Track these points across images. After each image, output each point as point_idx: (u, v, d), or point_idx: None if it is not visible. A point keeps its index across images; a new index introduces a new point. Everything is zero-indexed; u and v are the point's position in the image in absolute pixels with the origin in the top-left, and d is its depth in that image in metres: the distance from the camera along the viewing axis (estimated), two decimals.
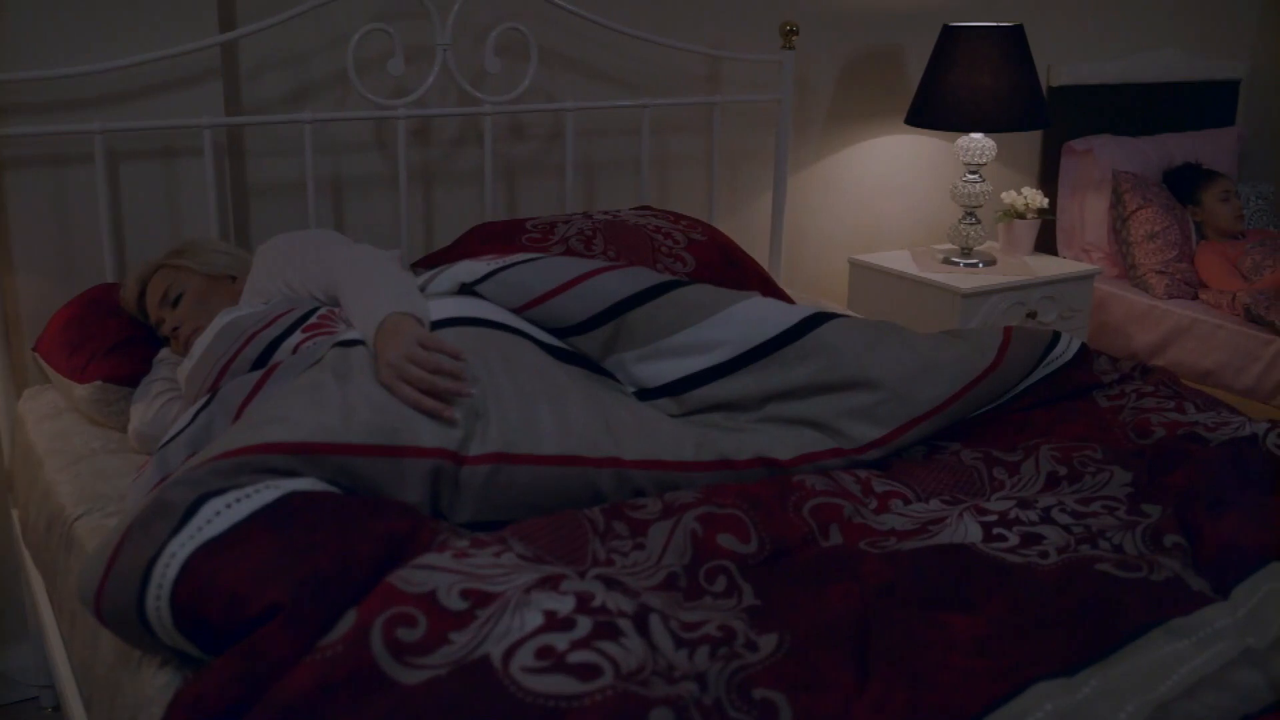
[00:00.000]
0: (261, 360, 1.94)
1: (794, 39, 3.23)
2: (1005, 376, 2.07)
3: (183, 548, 1.38)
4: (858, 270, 3.63)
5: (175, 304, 2.23)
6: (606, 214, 2.81)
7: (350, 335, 1.81)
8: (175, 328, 2.21)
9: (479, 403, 1.70)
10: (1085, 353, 2.24)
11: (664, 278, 2.02)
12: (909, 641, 1.37)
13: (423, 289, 2.01)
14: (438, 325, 1.84)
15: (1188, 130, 4.37)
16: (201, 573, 1.36)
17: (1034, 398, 2.12)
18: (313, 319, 1.98)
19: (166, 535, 1.40)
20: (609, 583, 1.38)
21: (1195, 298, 3.84)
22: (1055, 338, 2.21)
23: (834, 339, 1.94)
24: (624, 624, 1.28)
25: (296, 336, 1.94)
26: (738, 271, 2.75)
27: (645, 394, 1.96)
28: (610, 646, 1.23)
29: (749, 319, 1.96)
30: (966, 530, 1.67)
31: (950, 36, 3.37)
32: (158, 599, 1.37)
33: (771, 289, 2.78)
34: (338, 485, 1.55)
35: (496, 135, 3.02)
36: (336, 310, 2.02)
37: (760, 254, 3.42)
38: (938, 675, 1.31)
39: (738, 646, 1.32)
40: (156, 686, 1.43)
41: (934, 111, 3.39)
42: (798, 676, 1.28)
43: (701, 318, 1.95)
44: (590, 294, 1.96)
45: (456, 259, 2.59)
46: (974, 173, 3.50)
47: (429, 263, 2.71)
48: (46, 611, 2.18)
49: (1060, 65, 4.02)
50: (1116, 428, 2.07)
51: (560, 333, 1.97)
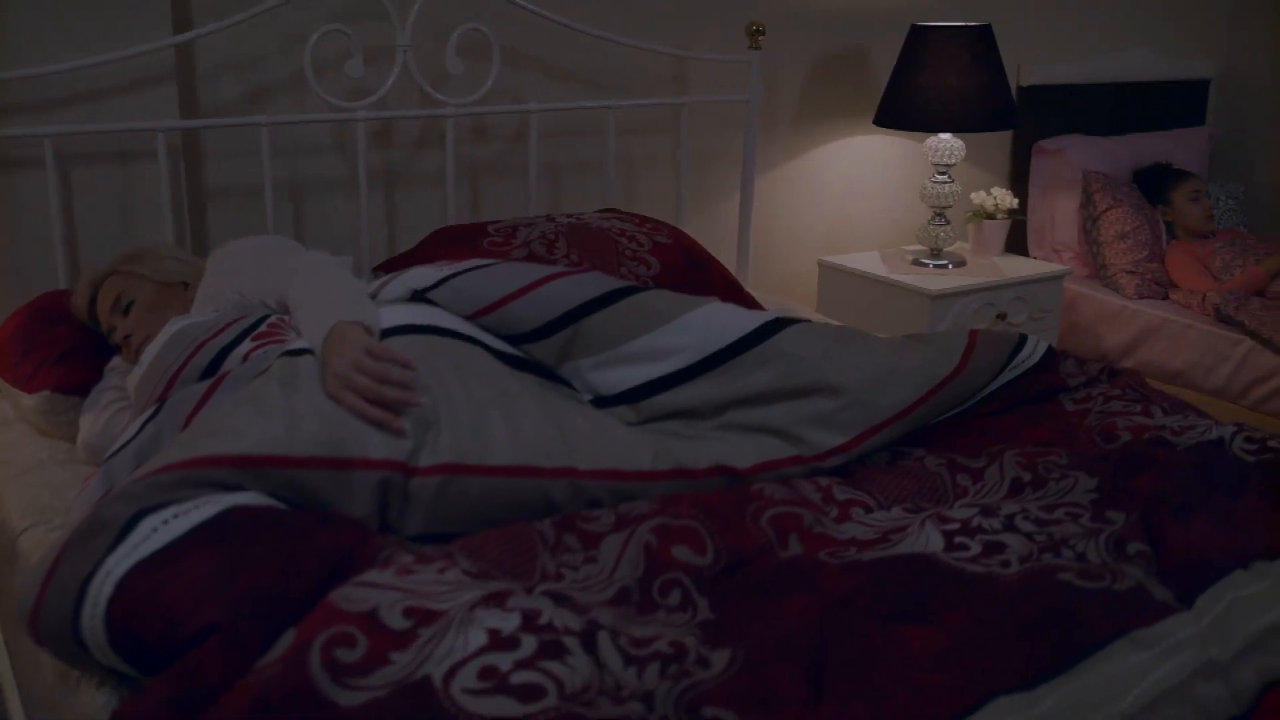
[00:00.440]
0: (211, 369, 1.90)
1: (760, 39, 3.20)
2: (970, 381, 2.04)
3: (119, 565, 1.34)
4: (827, 272, 3.60)
5: (126, 311, 2.18)
6: (570, 217, 2.77)
7: (299, 344, 1.77)
8: (126, 336, 2.17)
9: (429, 412, 1.66)
10: (1052, 356, 2.22)
11: (620, 283, 1.99)
12: (866, 656, 1.34)
13: (374, 296, 1.97)
14: (388, 333, 1.81)
15: (1158, 130, 4.36)
16: (137, 591, 1.32)
17: (1000, 402, 2.09)
18: (262, 327, 1.93)
19: (102, 552, 1.36)
20: (558, 598, 1.35)
21: (1166, 298, 3.82)
22: (1021, 341, 2.18)
23: (794, 344, 1.91)
24: (570, 642, 1.25)
25: (246, 345, 1.90)
26: (702, 274, 2.72)
27: (602, 402, 1.92)
28: (555, 666, 1.20)
29: (707, 325, 1.92)
30: (928, 539, 1.64)
31: (918, 36, 3.34)
32: (93, 618, 1.33)
33: (737, 292, 2.75)
34: (283, 499, 1.51)
35: (459, 137, 2.98)
36: (287, 318, 1.98)
37: (728, 256, 3.39)
38: (895, 691, 1.28)
39: (689, 663, 1.29)
40: (95, 707, 1.39)
41: (902, 112, 3.37)
42: (750, 694, 1.25)
43: (659, 324, 1.92)
44: (545, 300, 1.92)
45: (418, 263, 2.55)
46: (943, 173, 3.48)
47: (390, 267, 2.66)
48: None
49: (1030, 65, 4.01)
50: (1082, 432, 2.04)
51: (515, 340, 1.93)
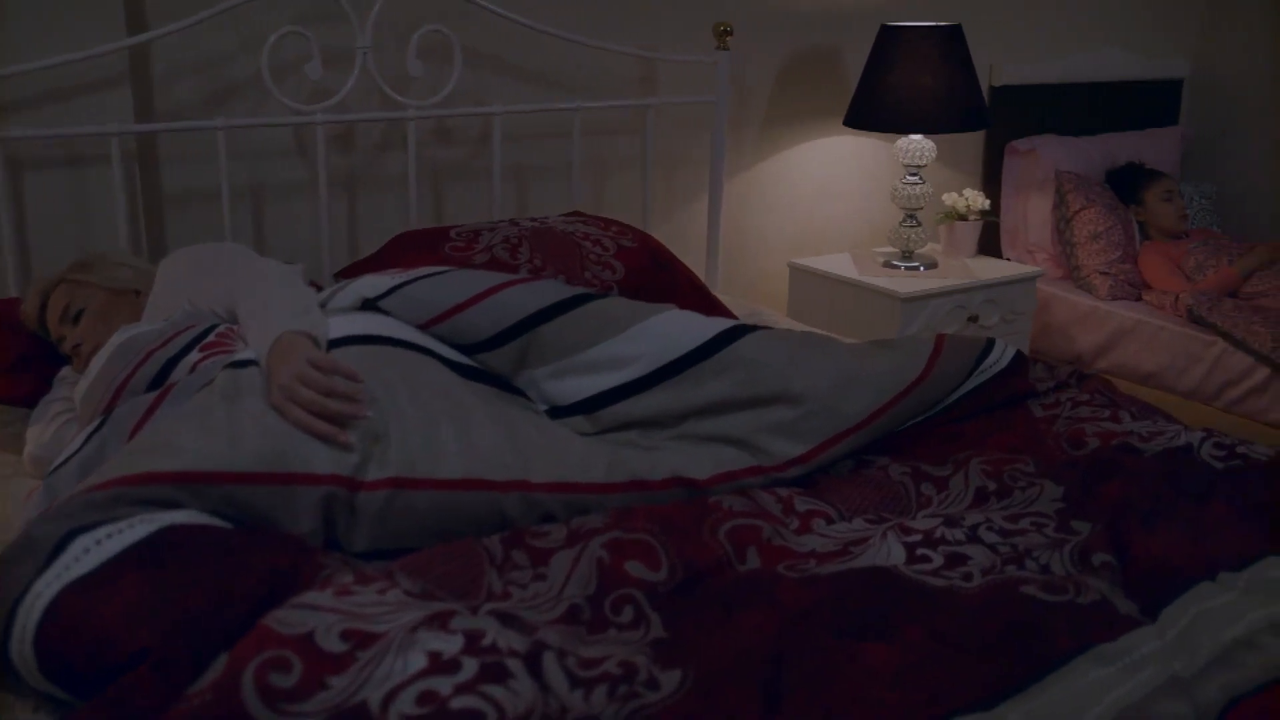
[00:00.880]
0: (158, 380, 1.85)
1: (728, 40, 3.16)
2: (936, 387, 2.01)
3: (49, 587, 1.30)
4: (797, 274, 3.57)
5: (76, 320, 2.13)
6: (534, 221, 2.73)
7: (244, 355, 1.72)
8: (76, 345, 2.12)
9: (377, 425, 1.61)
10: (1020, 360, 2.19)
11: (576, 291, 1.95)
12: (823, 674, 1.30)
13: (324, 305, 1.92)
14: (336, 344, 1.76)
15: (1131, 130, 4.34)
16: (68, 614, 1.27)
17: (967, 408, 2.06)
18: (211, 337, 1.88)
19: (33, 574, 1.31)
20: (504, 618, 1.31)
21: (1139, 299, 3.80)
22: (989, 345, 2.15)
23: (753, 352, 1.87)
24: (514, 664, 1.20)
25: (194, 355, 1.85)
26: (668, 278, 2.68)
27: (558, 412, 1.88)
28: (496, 690, 1.16)
29: (664, 333, 1.89)
30: (889, 551, 1.60)
31: (888, 36, 3.31)
32: (22, 642, 1.28)
33: (703, 296, 2.71)
34: (223, 516, 1.47)
35: (422, 140, 2.94)
36: (236, 328, 1.93)
37: (698, 259, 3.35)
38: (851, 710, 1.25)
39: (638, 684, 1.25)
40: None
41: (873, 113, 3.33)
42: (700, 715, 1.21)
43: (615, 332, 1.88)
44: (498, 309, 1.88)
45: (380, 268, 2.51)
46: (914, 175, 3.45)
47: (351, 272, 2.61)
48: None
49: (1003, 65, 3.98)
50: (1050, 438, 2.01)
51: (468, 349, 1.89)
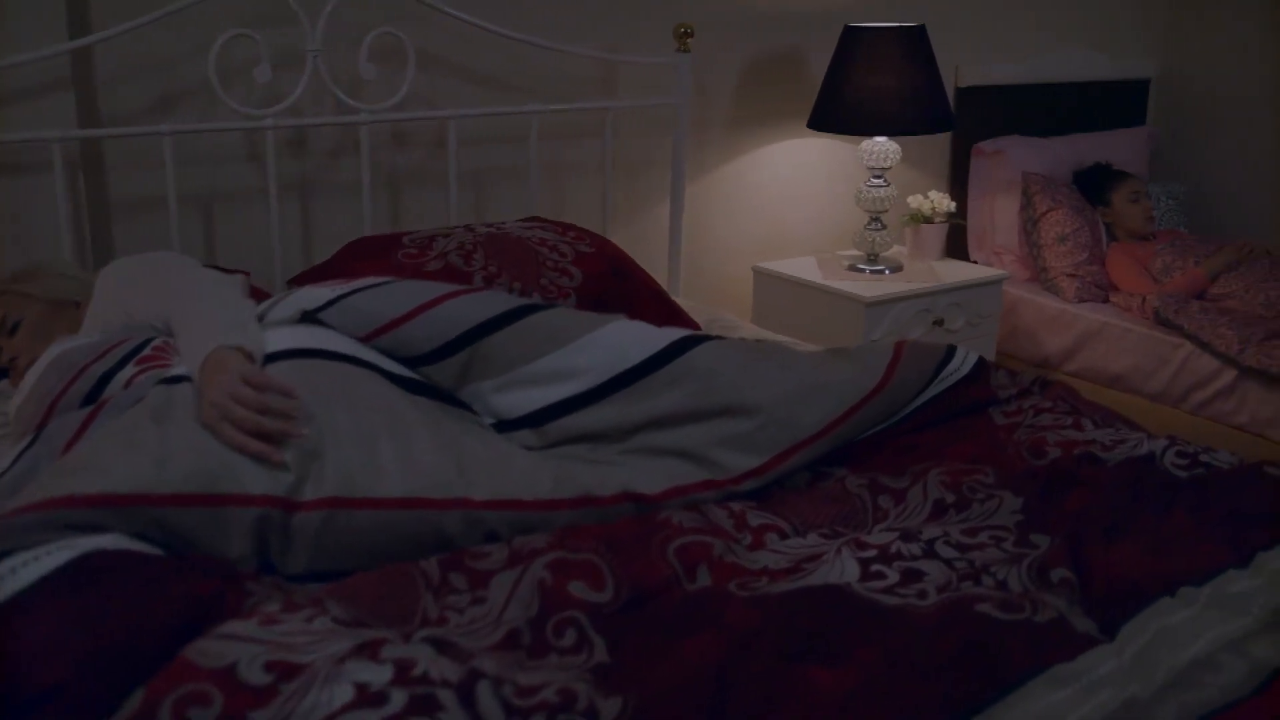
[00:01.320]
0: (92, 395, 1.79)
1: (689, 41, 3.12)
2: (895, 396, 1.97)
3: None
4: (762, 278, 3.53)
5: (13, 332, 2.07)
6: (490, 226, 2.68)
7: (177, 371, 1.67)
8: (13, 358, 2.06)
9: (314, 443, 1.56)
10: (982, 367, 2.15)
11: (522, 301, 1.90)
12: (769, 699, 1.26)
13: (262, 317, 1.86)
14: (273, 358, 1.70)
15: (1098, 130, 4.32)
16: None
17: (927, 417, 2.02)
18: (146, 350, 1.82)
19: None
20: (439, 645, 1.26)
21: (1106, 301, 3.78)
22: (950, 352, 2.11)
23: (706, 362, 1.83)
24: (445, 695, 1.15)
25: (129, 370, 1.79)
26: (627, 284, 2.63)
27: (504, 426, 1.83)
28: None
29: (613, 344, 1.84)
30: (843, 568, 1.56)
31: (851, 37, 3.27)
32: None
33: (663, 302, 2.66)
34: (150, 539, 1.41)
35: (377, 145, 2.89)
36: (173, 341, 1.87)
37: (660, 263, 3.31)
38: None
39: (576, 713, 1.20)
40: None
41: (836, 115, 3.30)
42: None
43: (562, 344, 1.83)
44: (442, 320, 1.82)
45: (332, 276, 2.45)
46: (878, 177, 3.41)
47: (304, 280, 2.55)
48: None
49: (968, 65, 3.95)
50: (1011, 447, 1.97)
51: (411, 362, 1.84)
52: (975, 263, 3.91)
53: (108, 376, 1.80)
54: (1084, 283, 3.77)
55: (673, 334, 1.88)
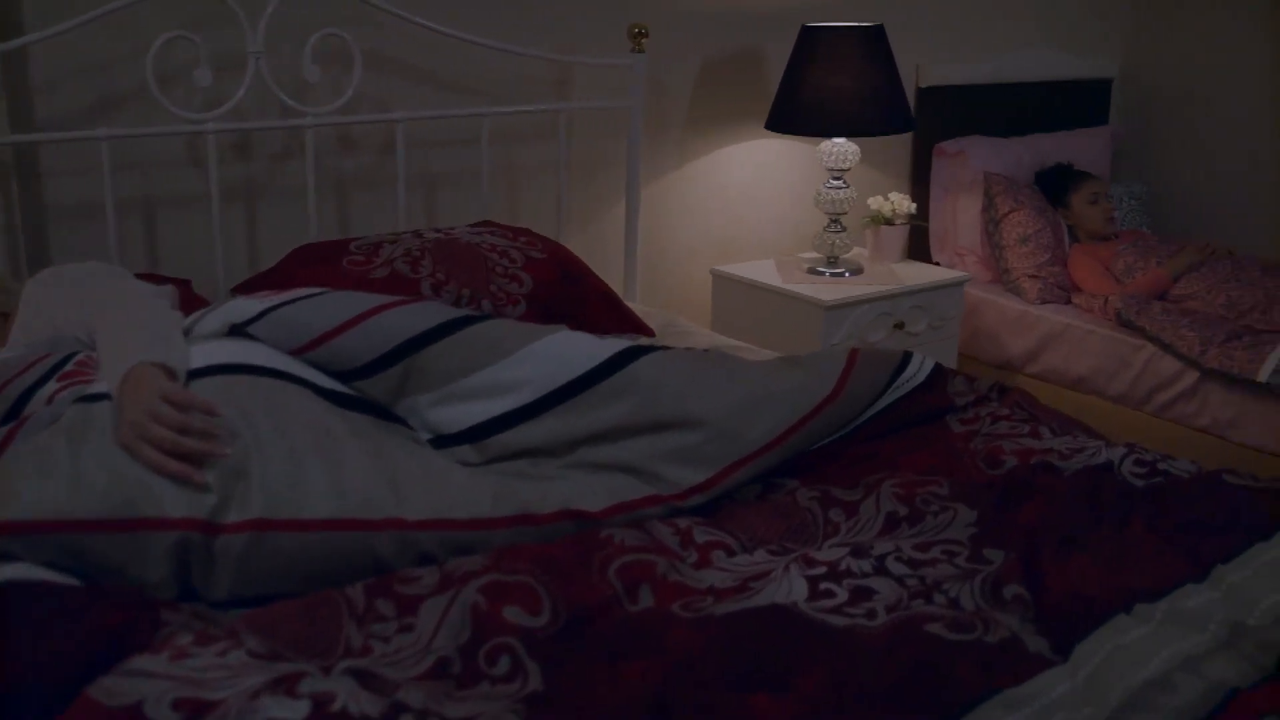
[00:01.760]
0: (14, 412, 1.72)
1: (644, 41, 3.07)
2: (847, 406, 1.92)
3: None
4: (720, 281, 3.47)
5: None
6: (439, 232, 2.62)
7: (98, 388, 1.60)
8: None
9: (238, 463, 1.49)
10: (939, 373, 2.11)
11: (459, 313, 1.84)
12: None
13: (189, 331, 1.80)
14: (197, 374, 1.63)
15: (1061, 130, 4.29)
16: None
17: (881, 426, 1.98)
18: (69, 365, 1.75)
19: None
20: (361, 677, 1.20)
21: (1068, 302, 3.74)
22: (905, 359, 2.07)
23: (651, 374, 1.77)
24: None
25: (51, 385, 1.72)
26: (579, 290, 2.58)
27: (442, 441, 1.77)
28: None
29: (554, 356, 1.78)
30: (791, 587, 1.51)
31: (809, 37, 3.23)
32: None
33: (616, 308, 2.61)
34: (62, 568, 1.35)
35: (326, 148, 2.82)
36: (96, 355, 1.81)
37: (617, 267, 3.25)
38: None
39: None
40: None
41: (794, 116, 3.25)
42: None
43: (501, 356, 1.77)
44: (376, 332, 1.76)
45: (277, 283, 2.39)
46: (838, 179, 3.37)
47: (248, 288, 2.49)
48: None
49: (929, 65, 3.91)
50: (967, 456, 1.93)
51: (344, 376, 1.77)
52: (938, 264, 3.87)
53: (30, 392, 1.73)
54: (1046, 284, 3.74)
55: (616, 345, 1.82)
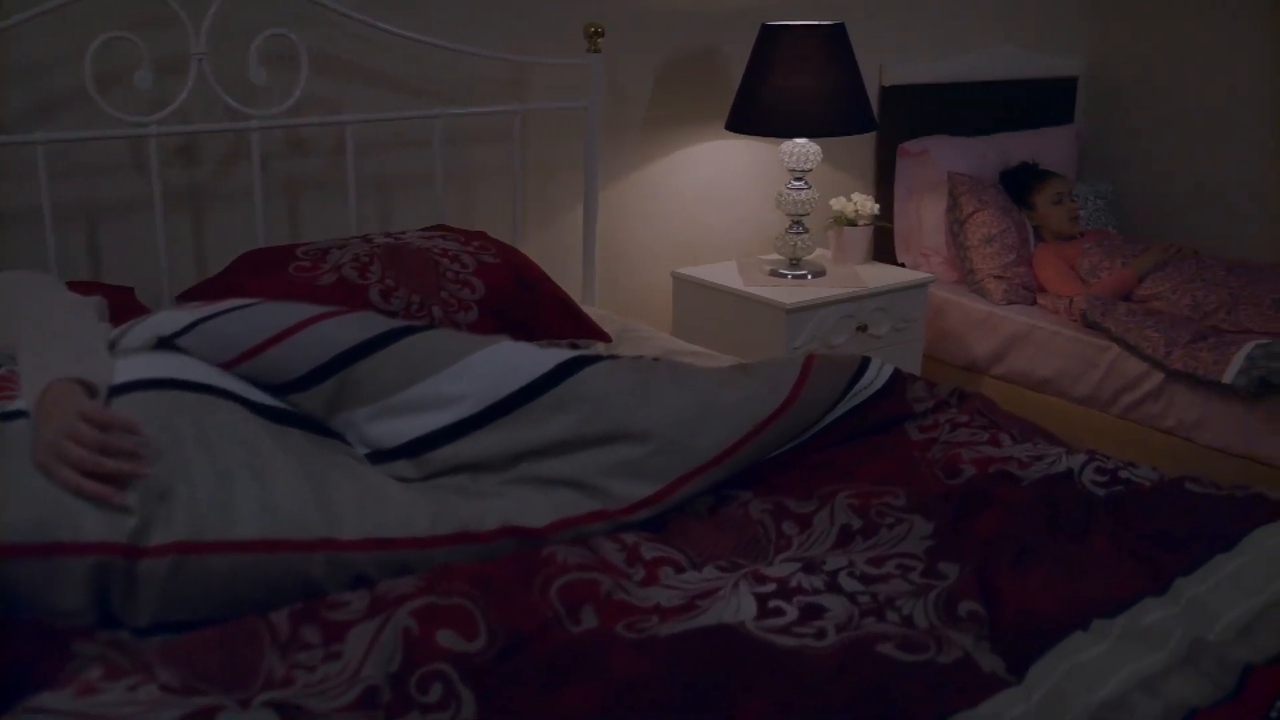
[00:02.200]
0: None
1: (600, 41, 3.01)
2: (802, 414, 1.87)
3: None
4: (681, 285, 3.42)
5: None
6: (389, 236, 2.56)
7: (13, 406, 1.53)
8: None
9: (162, 483, 1.43)
10: (898, 379, 2.07)
11: (396, 324, 1.78)
12: None
13: (114, 344, 1.73)
14: (119, 390, 1.56)
15: (1026, 129, 4.26)
16: None
17: (837, 435, 1.93)
18: None
19: None
20: (282, 710, 1.14)
21: (1034, 303, 3.71)
22: (863, 365, 2.02)
23: (596, 385, 1.72)
24: None
25: None
26: (533, 295, 2.52)
27: (380, 457, 1.70)
28: None
29: (494, 367, 1.72)
30: (739, 605, 1.46)
31: (769, 36, 3.18)
32: None
33: (571, 314, 2.55)
34: None
35: (274, 152, 2.75)
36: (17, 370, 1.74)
37: (575, 270, 3.20)
38: None
39: None
40: None
41: (755, 116, 3.20)
42: None
43: (440, 368, 1.71)
44: (309, 344, 1.70)
45: (222, 290, 2.33)
46: (799, 179, 3.32)
47: (193, 295, 2.42)
48: None
49: (893, 64, 3.87)
50: (925, 465, 1.89)
51: (277, 390, 1.71)
52: (903, 265, 3.84)
53: None
54: (1011, 284, 3.70)
55: (560, 355, 1.77)
